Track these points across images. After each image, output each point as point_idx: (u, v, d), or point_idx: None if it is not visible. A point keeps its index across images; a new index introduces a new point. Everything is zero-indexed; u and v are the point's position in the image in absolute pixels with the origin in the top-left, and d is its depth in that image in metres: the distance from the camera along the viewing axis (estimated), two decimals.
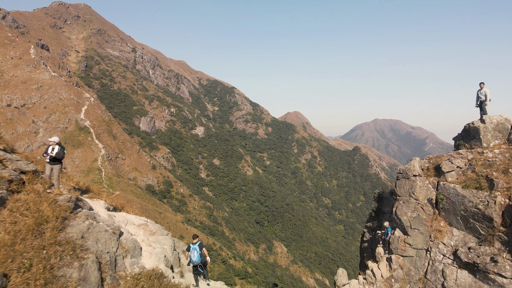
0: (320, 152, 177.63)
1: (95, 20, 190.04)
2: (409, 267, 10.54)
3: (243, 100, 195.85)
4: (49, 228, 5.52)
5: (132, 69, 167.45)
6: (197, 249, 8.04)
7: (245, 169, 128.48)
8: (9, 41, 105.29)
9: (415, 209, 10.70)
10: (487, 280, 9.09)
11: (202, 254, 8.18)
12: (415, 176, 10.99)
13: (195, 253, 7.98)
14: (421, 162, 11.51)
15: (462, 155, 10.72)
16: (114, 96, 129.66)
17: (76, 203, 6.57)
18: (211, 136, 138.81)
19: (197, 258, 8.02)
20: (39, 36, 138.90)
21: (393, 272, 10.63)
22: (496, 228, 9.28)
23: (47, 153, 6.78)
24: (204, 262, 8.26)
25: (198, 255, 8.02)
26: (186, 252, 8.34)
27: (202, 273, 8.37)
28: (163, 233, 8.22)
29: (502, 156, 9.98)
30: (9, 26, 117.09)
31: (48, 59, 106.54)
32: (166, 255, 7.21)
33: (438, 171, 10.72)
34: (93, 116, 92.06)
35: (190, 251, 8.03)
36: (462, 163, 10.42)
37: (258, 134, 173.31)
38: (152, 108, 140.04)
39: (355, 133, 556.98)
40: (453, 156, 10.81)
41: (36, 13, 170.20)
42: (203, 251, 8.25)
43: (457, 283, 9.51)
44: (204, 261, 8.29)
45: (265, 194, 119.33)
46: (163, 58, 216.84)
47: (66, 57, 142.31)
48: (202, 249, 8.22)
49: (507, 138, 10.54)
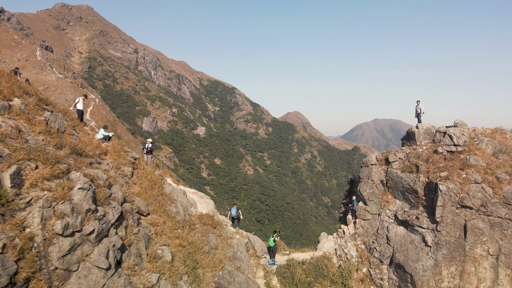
0: (320, 151, 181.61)
1: (97, 21, 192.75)
2: (367, 226, 15.46)
3: (243, 101, 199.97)
4: (156, 187, 10.27)
5: (134, 70, 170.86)
6: (235, 209, 14.46)
7: (245, 168, 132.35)
8: (15, 43, 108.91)
9: (372, 187, 15.61)
10: (413, 231, 14.03)
11: (237, 212, 14.52)
12: (372, 165, 15.91)
13: (233, 211, 14.36)
14: (377, 155, 16.43)
15: (403, 150, 15.66)
16: (117, 97, 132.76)
17: (162, 176, 11.38)
18: (212, 136, 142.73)
19: (234, 213, 14.40)
20: (43, 37, 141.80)
21: (357, 229, 15.57)
22: (420, 197, 14.22)
23: (145, 147, 11.63)
24: (238, 217, 14.59)
25: (235, 212, 14.40)
26: (228, 212, 14.61)
27: (236, 224, 14.46)
28: (207, 198, 13.09)
29: (426, 151, 14.92)
30: (14, 28, 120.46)
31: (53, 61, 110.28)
32: (212, 208, 12.04)
33: (387, 161, 15.64)
34: (98, 116, 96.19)
35: (231, 210, 14.45)
36: (402, 155, 15.35)
37: (259, 134, 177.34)
38: (154, 109, 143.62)
39: (355, 133, 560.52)
40: (397, 151, 15.75)
41: (40, 14, 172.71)
42: (238, 212, 14.54)
43: (396, 234, 14.44)
44: (238, 217, 14.61)
45: (266, 193, 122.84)
46: (164, 59, 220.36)
47: (69, 58, 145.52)
48: (238, 210, 14.59)
49: (432, 139, 15.50)
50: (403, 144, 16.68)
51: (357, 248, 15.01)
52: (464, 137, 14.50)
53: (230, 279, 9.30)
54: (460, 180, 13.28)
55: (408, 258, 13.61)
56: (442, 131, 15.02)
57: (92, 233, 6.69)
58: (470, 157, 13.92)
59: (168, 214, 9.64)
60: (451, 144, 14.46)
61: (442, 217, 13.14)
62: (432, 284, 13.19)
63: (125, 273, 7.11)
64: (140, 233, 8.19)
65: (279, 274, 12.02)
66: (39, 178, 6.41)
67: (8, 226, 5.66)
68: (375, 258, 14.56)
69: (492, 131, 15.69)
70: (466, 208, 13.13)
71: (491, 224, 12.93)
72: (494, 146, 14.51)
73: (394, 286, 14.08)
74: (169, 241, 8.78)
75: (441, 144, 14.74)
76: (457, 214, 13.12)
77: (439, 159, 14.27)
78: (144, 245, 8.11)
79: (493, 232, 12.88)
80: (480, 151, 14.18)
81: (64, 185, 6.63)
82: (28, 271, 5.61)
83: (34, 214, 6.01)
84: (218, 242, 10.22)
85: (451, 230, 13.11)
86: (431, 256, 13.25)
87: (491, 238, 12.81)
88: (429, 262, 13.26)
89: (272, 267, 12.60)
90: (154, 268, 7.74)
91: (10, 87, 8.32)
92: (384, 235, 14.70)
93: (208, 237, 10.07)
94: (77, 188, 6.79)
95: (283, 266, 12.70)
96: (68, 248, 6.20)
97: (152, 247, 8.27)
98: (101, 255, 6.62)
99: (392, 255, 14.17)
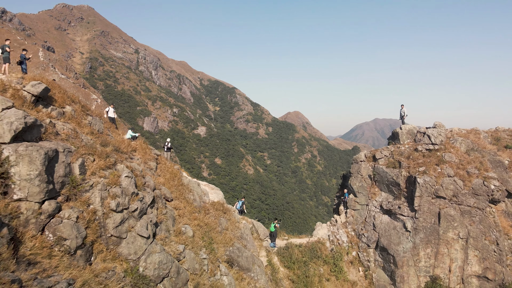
0: (320, 151, 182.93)
1: (98, 21, 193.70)
2: (357, 215, 17.52)
3: (244, 100, 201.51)
4: (176, 178, 12.28)
5: (135, 70, 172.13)
6: (240, 202, 16.04)
7: (246, 168, 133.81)
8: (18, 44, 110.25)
9: (361, 181, 17.67)
10: (396, 218, 16.09)
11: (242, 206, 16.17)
12: (361, 162, 17.97)
13: (239, 204, 16.00)
14: (365, 153, 18.50)
15: (388, 148, 17.73)
16: (118, 97, 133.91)
17: (180, 170, 13.40)
18: (212, 136, 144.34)
19: (238, 207, 15.81)
20: (45, 38, 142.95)
21: (348, 218, 17.63)
22: (402, 189, 16.28)
23: (165, 145, 13.66)
24: (242, 210, 16.29)
25: (240, 205, 15.96)
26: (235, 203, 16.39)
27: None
28: (217, 189, 15.10)
29: (408, 149, 16.99)
30: (16, 28, 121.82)
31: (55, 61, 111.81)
32: (221, 197, 14.06)
33: (374, 158, 17.70)
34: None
35: (237, 203, 16.19)
36: (387, 153, 17.41)
37: (259, 134, 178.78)
38: (155, 109, 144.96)
39: (355, 133, 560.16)
40: (383, 149, 17.83)
41: (41, 15, 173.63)
42: (243, 206, 16.22)
43: (381, 222, 16.50)
44: (242, 210, 16.26)
45: (266, 193, 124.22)
46: (165, 59, 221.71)
47: (71, 59, 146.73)
48: (243, 204, 16.24)
49: (413, 139, 17.57)
50: (389, 143, 18.76)
51: (348, 235, 17.06)
52: (440, 137, 16.56)
53: (239, 254, 11.33)
54: (436, 174, 15.34)
55: (391, 242, 15.67)
56: (422, 131, 17.09)
57: (136, 211, 8.71)
58: (445, 154, 15.98)
59: (187, 201, 11.66)
60: (429, 143, 16.52)
61: (420, 206, 15.21)
62: (411, 264, 15.25)
63: (159, 242, 9.11)
64: (168, 214, 10.19)
65: (279, 254, 14.06)
66: (96, 168, 8.43)
67: (79, 203, 7.72)
68: (363, 243, 16.62)
69: (467, 131, 17.77)
70: (440, 198, 15.19)
71: (461, 212, 15.00)
72: (467, 145, 16.58)
73: (379, 266, 16.15)
74: (189, 222, 10.80)
75: (421, 143, 16.81)
76: (433, 203, 15.18)
77: (418, 156, 16.34)
78: (171, 223, 10.12)
79: (463, 218, 14.95)
80: (454, 149, 16.25)
81: (114, 173, 8.64)
82: (93, 236, 7.66)
83: (96, 195, 8.03)
84: (228, 224, 12.23)
85: (427, 217, 15.17)
86: (410, 240, 15.31)
87: (461, 224, 14.87)
88: (409, 245, 15.33)
89: (273, 249, 14.62)
90: (180, 241, 9.77)
91: (62, 96, 10.32)
92: (371, 223, 16.76)
93: (220, 220, 12.10)
94: (124, 176, 8.81)
95: (283, 248, 14.74)
96: (120, 221, 8.22)
97: (177, 225, 10.29)
98: (142, 227, 8.63)
99: (378, 240, 16.23)
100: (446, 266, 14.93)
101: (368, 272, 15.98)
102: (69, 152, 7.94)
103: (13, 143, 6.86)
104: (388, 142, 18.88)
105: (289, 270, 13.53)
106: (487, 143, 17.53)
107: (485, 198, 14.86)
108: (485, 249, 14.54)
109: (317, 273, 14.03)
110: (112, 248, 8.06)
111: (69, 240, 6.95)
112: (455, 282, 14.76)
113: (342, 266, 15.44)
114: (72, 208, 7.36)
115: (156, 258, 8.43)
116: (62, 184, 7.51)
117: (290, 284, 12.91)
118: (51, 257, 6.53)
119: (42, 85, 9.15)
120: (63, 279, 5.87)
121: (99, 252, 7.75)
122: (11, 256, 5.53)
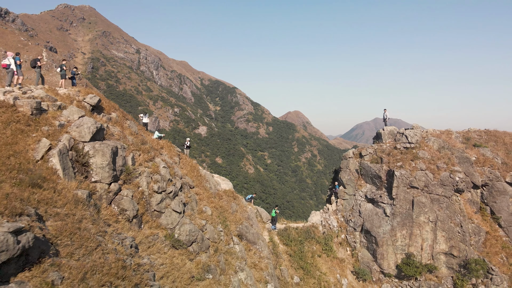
0: (320, 151, 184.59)
1: (99, 22, 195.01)
2: (345, 204, 20.41)
3: (244, 100, 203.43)
4: (195, 170, 15.10)
5: (137, 70, 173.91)
6: (249, 196, 18.98)
7: (246, 167, 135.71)
8: (21, 45, 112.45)
9: (349, 175, 20.55)
10: (377, 206, 18.99)
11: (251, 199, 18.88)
12: (349, 158, 20.85)
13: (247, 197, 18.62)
14: (353, 151, 21.39)
15: (372, 146, 20.63)
16: (120, 97, 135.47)
17: (197, 164, 16.24)
18: (213, 135, 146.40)
19: (247, 198, 18.80)
20: (47, 38, 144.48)
21: (338, 207, 20.52)
22: (383, 181, 19.17)
23: (185, 144, 16.49)
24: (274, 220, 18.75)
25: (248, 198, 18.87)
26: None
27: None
28: (228, 180, 17.97)
29: (389, 147, 19.88)
30: (19, 29, 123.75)
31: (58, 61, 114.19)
32: (231, 187, 16.92)
33: (360, 155, 20.59)
34: None
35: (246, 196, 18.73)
36: (371, 150, 20.30)
37: (259, 133, 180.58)
38: (156, 108, 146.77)
39: (356, 132, 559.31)
40: (368, 147, 20.73)
41: (43, 16, 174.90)
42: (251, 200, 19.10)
43: (366, 209, 19.39)
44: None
45: (266, 192, 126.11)
46: (165, 59, 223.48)
47: (73, 59, 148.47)
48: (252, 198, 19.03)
49: (394, 138, 20.47)
50: (373, 142, 21.67)
51: (338, 220, 19.96)
52: (416, 137, 19.45)
53: (247, 230, 14.18)
54: (410, 168, 18.24)
55: (373, 226, 18.57)
56: (401, 132, 19.98)
57: (171, 193, 11.53)
58: (419, 151, 18.87)
59: (205, 188, 14.50)
60: (407, 142, 19.41)
61: (397, 195, 18.10)
62: (389, 243, 18.15)
63: (187, 217, 11.93)
64: (192, 197, 13.01)
65: (279, 234, 16.94)
66: (142, 161, 11.25)
67: (132, 186, 10.54)
68: (350, 227, 19.52)
69: (440, 132, 20.66)
70: (414, 188, 18.09)
71: (431, 199, 17.90)
72: (439, 143, 19.47)
73: (364, 246, 19.05)
74: (208, 204, 13.63)
75: (399, 142, 19.70)
76: (408, 192, 18.08)
77: (397, 153, 19.23)
78: (195, 204, 12.95)
79: (433, 205, 17.85)
80: (427, 147, 19.14)
81: (155, 165, 11.46)
82: (142, 210, 10.50)
83: (143, 180, 10.86)
84: (237, 208, 15.06)
85: (403, 204, 18.07)
86: (389, 223, 18.21)
87: (431, 209, 17.77)
88: (388, 228, 18.22)
89: (274, 230, 17.48)
90: (202, 217, 12.60)
91: (108, 105, 13.12)
92: (357, 210, 19.65)
93: (231, 204, 14.94)
94: (162, 166, 11.63)
95: (282, 229, 17.62)
96: (160, 200, 11.05)
97: (199, 206, 13.13)
98: (176, 205, 11.46)
99: (363, 224, 19.12)
100: (418, 245, 17.84)
101: (354, 251, 18.88)
102: (124, 148, 10.76)
103: (90, 141, 9.66)
104: (373, 141, 21.81)
105: (287, 247, 16.38)
106: (458, 142, 20.42)
107: (451, 188, 17.75)
108: (451, 231, 17.45)
109: (310, 249, 16.91)
110: (155, 219, 10.90)
111: (129, 211, 9.78)
112: (426, 258, 17.68)
113: (332, 246, 18.33)
114: (128, 189, 10.18)
115: (187, 227, 11.27)
116: (121, 171, 10.34)
117: (288, 257, 15.76)
118: (117, 222, 9.38)
119: (97, 97, 11.97)
120: (128, 236, 8.75)
121: (146, 221, 10.59)
122: (98, 217, 8.39)
